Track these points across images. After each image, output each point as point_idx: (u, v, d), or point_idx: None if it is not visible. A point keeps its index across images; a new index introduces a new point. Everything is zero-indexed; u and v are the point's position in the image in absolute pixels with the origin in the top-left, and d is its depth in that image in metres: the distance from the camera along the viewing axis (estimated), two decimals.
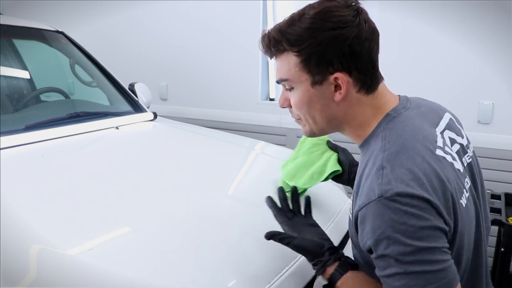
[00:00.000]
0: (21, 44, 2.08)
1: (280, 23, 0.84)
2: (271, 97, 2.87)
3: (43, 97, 2.05)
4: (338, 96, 0.82)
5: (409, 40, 2.33)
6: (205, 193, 1.25)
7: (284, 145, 2.51)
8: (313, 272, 1.04)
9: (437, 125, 0.90)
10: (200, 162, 1.53)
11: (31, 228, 0.98)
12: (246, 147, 1.83)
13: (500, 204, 1.84)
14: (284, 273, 0.97)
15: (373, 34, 0.81)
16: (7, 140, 1.38)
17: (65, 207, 1.07)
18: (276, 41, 0.83)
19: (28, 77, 2.08)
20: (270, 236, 0.94)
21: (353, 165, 1.16)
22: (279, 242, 0.93)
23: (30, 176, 1.23)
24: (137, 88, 2.13)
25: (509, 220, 1.69)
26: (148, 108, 2.07)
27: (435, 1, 2.20)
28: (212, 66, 2.89)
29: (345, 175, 1.16)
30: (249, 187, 1.41)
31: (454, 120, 0.98)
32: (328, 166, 1.17)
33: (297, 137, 2.64)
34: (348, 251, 1.29)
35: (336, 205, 1.37)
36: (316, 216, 1.27)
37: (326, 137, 1.22)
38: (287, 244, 0.92)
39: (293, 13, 0.83)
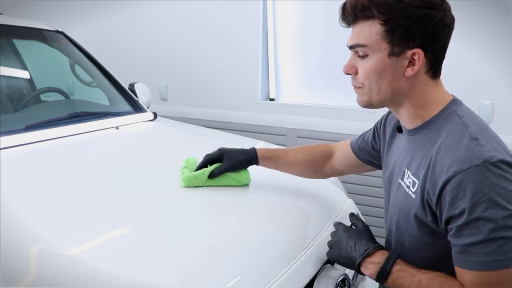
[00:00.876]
0: (21, 44, 2.08)
1: None
2: (271, 97, 2.88)
3: (43, 97, 2.05)
4: (410, 72, 0.86)
5: None
6: (205, 193, 1.25)
7: (284, 145, 2.51)
8: (313, 272, 1.05)
9: None
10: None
11: (31, 228, 0.98)
12: (246, 147, 1.82)
13: None
14: (284, 273, 0.97)
15: (452, 23, 0.86)
16: (7, 140, 1.38)
17: (65, 207, 1.07)
18: (365, 7, 0.85)
19: (28, 77, 2.08)
20: None
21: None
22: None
23: (30, 176, 1.23)
24: (137, 88, 2.13)
25: None
26: (148, 108, 2.07)
27: None
28: (212, 66, 2.89)
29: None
30: (249, 186, 1.40)
31: None
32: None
33: (297, 137, 2.64)
34: None
35: (336, 205, 1.37)
36: (316, 216, 1.28)
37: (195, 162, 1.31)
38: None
39: None
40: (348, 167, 1.26)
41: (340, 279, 1.07)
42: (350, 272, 1.19)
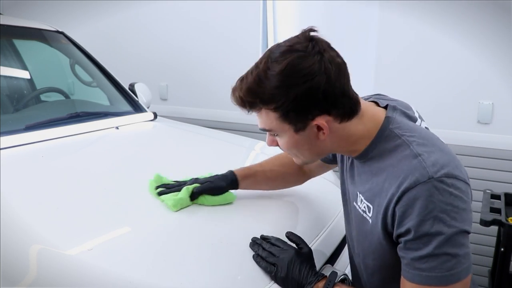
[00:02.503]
0: (21, 44, 2.08)
1: (247, 80, 0.85)
2: None
3: (43, 97, 2.05)
4: (322, 136, 0.86)
5: (409, 40, 2.33)
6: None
7: None
8: None
9: (417, 119, 0.95)
10: (200, 162, 1.53)
11: (31, 228, 0.98)
12: (246, 147, 1.83)
13: (500, 204, 1.84)
14: None
15: (340, 71, 0.82)
16: (7, 140, 1.38)
17: (65, 207, 1.07)
18: (250, 103, 0.86)
19: (28, 77, 2.08)
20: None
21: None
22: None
23: (30, 176, 1.23)
24: (137, 88, 2.13)
25: (509, 220, 1.68)
26: (148, 108, 2.07)
27: (435, 1, 2.20)
28: (212, 66, 2.89)
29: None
30: None
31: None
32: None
33: None
34: (346, 254, 1.29)
35: (336, 206, 1.37)
36: (315, 216, 1.27)
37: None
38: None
39: (257, 68, 0.84)
40: (317, 169, 1.26)
41: (339, 279, 1.07)
42: (350, 272, 1.19)
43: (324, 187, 1.47)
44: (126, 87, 2.10)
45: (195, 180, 1.20)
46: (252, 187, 1.23)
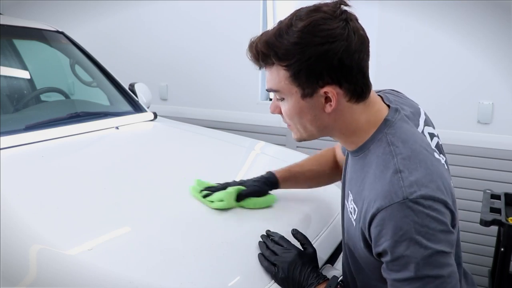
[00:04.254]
0: (21, 44, 2.08)
1: (268, 32, 0.82)
2: (271, 97, 2.87)
3: (43, 97, 2.05)
4: (328, 108, 0.83)
5: (409, 40, 2.33)
6: None
7: (284, 145, 2.51)
8: None
9: (419, 125, 0.92)
10: (200, 162, 1.53)
11: (31, 228, 0.98)
12: (246, 147, 1.83)
13: (500, 204, 1.84)
14: None
15: (362, 45, 0.80)
16: (7, 140, 1.38)
17: (65, 207, 1.07)
18: (264, 55, 0.82)
19: (28, 77, 2.08)
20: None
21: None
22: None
23: (30, 176, 1.23)
24: (137, 88, 2.13)
25: (509, 220, 1.68)
26: (148, 108, 2.07)
27: (435, 1, 2.20)
28: (212, 66, 2.89)
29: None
30: None
31: (424, 111, 0.99)
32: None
33: None
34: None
35: (336, 206, 1.37)
36: (316, 216, 1.28)
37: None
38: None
39: (281, 22, 0.82)
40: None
41: (340, 279, 1.07)
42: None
43: (324, 187, 1.47)
44: (126, 87, 2.10)
45: (239, 183, 1.20)
46: (291, 187, 1.25)
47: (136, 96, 2.09)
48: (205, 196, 1.17)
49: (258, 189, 1.18)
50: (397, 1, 2.31)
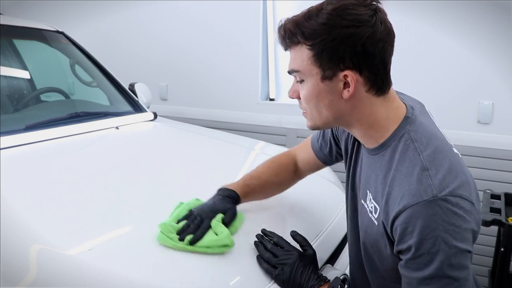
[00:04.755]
0: (21, 44, 2.08)
1: (298, 15, 0.84)
2: (271, 97, 2.88)
3: (43, 97, 2.05)
4: (346, 94, 0.83)
5: (409, 40, 2.33)
6: (205, 193, 1.25)
7: (284, 145, 2.51)
8: None
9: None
10: (200, 162, 1.53)
11: (31, 228, 0.98)
12: (246, 147, 1.83)
13: (500, 204, 1.84)
14: None
15: (388, 36, 0.81)
16: (7, 140, 1.38)
17: (65, 207, 1.07)
18: (291, 33, 0.83)
19: (28, 77, 2.08)
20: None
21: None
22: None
23: (30, 176, 1.23)
24: (137, 88, 2.13)
25: (509, 220, 1.68)
26: (148, 108, 2.07)
27: (435, 1, 2.20)
28: (212, 66, 2.89)
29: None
30: None
31: (428, 110, 1.00)
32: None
33: (297, 137, 2.64)
34: (346, 253, 1.29)
35: (336, 206, 1.37)
36: (316, 216, 1.28)
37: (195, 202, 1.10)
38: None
39: (312, 7, 0.83)
40: (311, 170, 1.23)
41: (343, 277, 1.07)
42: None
43: (324, 187, 1.47)
44: (126, 87, 2.10)
45: (209, 209, 1.05)
46: (248, 201, 1.17)
47: (136, 96, 2.09)
48: (191, 243, 0.96)
49: (234, 211, 1.08)
50: (397, 1, 2.30)
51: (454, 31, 2.21)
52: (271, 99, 2.87)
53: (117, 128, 1.73)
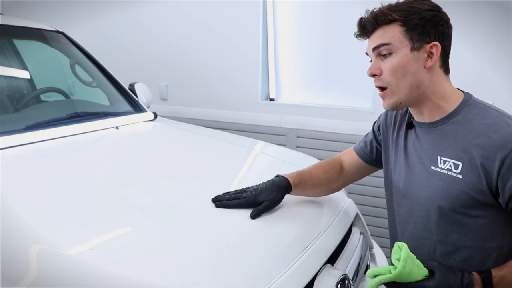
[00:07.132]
0: (21, 44, 2.08)
1: (399, 1, 1.04)
2: (271, 97, 2.88)
3: (43, 97, 2.05)
4: (429, 63, 1.01)
5: None
6: (205, 193, 1.25)
7: (284, 145, 2.51)
8: (313, 272, 1.05)
9: None
10: (200, 162, 1.53)
11: (31, 228, 0.98)
12: (246, 147, 1.83)
13: None
14: (284, 273, 0.97)
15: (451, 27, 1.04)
16: (7, 140, 1.38)
17: (65, 207, 1.07)
18: (384, 14, 1.01)
19: (28, 77, 2.08)
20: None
21: None
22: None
23: (30, 176, 1.23)
24: (137, 88, 2.13)
25: None
26: (148, 108, 2.07)
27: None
28: (212, 66, 2.89)
29: None
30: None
31: None
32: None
33: (297, 137, 2.64)
34: (348, 251, 1.29)
35: (336, 205, 1.37)
36: (316, 216, 1.28)
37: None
38: None
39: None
40: (356, 174, 1.32)
41: (340, 279, 1.07)
42: (350, 272, 1.19)
43: None
44: (126, 87, 2.10)
45: (254, 189, 1.18)
46: (299, 194, 1.25)
47: (136, 96, 2.09)
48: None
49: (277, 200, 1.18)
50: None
51: (454, 31, 2.20)
52: (271, 99, 2.88)
53: (117, 128, 1.73)
